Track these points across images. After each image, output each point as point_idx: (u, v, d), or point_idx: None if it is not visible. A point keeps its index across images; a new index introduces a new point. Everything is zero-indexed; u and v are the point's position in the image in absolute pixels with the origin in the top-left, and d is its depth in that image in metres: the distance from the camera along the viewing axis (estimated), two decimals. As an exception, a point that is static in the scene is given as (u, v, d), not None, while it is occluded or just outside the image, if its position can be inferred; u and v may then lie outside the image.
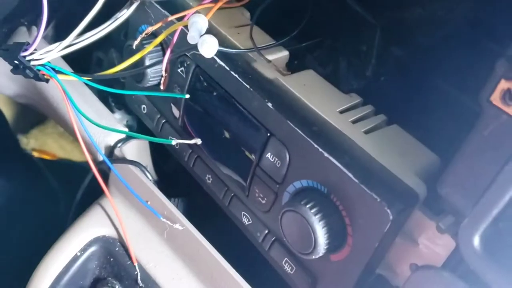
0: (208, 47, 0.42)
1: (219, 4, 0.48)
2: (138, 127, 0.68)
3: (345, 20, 0.53)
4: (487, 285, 0.31)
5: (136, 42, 0.49)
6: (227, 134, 0.48)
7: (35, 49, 0.49)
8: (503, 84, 0.31)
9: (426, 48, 0.51)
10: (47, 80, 0.49)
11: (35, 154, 1.09)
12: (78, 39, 0.49)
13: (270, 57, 0.48)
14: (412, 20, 0.52)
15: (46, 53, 0.49)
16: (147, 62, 0.51)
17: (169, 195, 0.56)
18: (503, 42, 0.33)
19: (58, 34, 0.76)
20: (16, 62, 0.48)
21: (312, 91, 0.45)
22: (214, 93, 0.48)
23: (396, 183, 0.39)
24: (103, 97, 0.67)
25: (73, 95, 0.49)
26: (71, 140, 1.10)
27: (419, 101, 0.50)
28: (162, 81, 0.51)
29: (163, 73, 0.51)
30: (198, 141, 0.45)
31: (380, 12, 0.52)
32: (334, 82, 0.48)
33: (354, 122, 0.44)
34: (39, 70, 0.49)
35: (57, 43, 0.49)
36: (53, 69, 0.49)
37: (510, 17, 0.45)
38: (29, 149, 1.09)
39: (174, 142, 0.46)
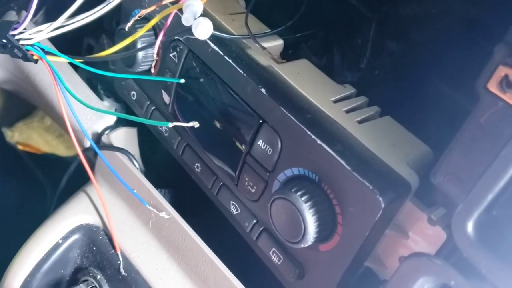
0: (203, 29, 0.41)
1: (215, -10, 0.48)
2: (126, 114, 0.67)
3: (340, 12, 0.52)
4: (480, 273, 0.31)
5: (128, 25, 0.48)
6: (218, 121, 0.47)
7: (25, 29, 0.48)
8: (501, 71, 0.30)
9: (421, 43, 0.51)
10: (36, 61, 0.48)
11: (20, 147, 1.08)
12: (70, 21, 0.48)
13: (265, 45, 0.48)
14: (407, 15, 0.52)
15: (36, 33, 0.48)
16: (139, 46, 0.50)
17: (156, 186, 0.55)
18: (496, 39, 0.33)
19: (49, 20, 0.75)
20: (4, 41, 0.47)
21: (306, 80, 0.45)
22: (207, 79, 0.47)
23: (388, 172, 0.39)
24: (92, 85, 0.66)
25: (61, 80, 0.48)
26: (56, 135, 1.09)
27: (412, 95, 0.50)
28: (153, 65, 0.51)
29: (155, 56, 0.50)
30: (196, 124, 0.44)
31: (376, 6, 0.52)
32: (328, 73, 0.48)
33: (347, 112, 0.44)
34: (28, 50, 0.48)
35: (48, 24, 0.48)
36: (43, 49, 0.48)
37: (502, 15, 0.45)
38: (13, 142, 1.08)
39: (171, 124, 0.45)
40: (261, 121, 0.43)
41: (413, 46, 0.52)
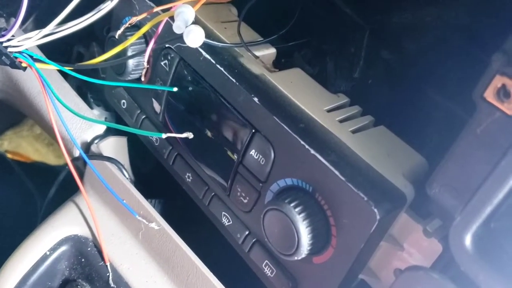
0: (194, 37, 0.40)
1: (207, -2, 0.47)
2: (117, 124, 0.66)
3: (334, 21, 0.52)
4: (478, 287, 0.30)
5: (119, 32, 0.47)
6: (210, 130, 0.46)
7: (13, 36, 0.47)
8: (498, 80, 0.30)
9: (414, 52, 0.51)
10: (24, 68, 0.48)
11: (9, 156, 1.06)
12: (59, 28, 0.48)
13: (258, 53, 0.47)
14: (400, 24, 0.52)
15: (24, 40, 0.47)
16: (130, 54, 0.49)
17: (146, 196, 0.54)
18: (490, 48, 0.32)
19: (38, 28, 0.74)
20: (-9, 48, 0.46)
21: (299, 89, 0.44)
22: (198, 87, 0.46)
23: (383, 183, 0.38)
24: (82, 93, 0.65)
25: (50, 88, 0.47)
26: (46, 144, 1.08)
27: (406, 104, 0.49)
28: (143, 73, 0.50)
29: (145, 64, 0.49)
30: (190, 135, 0.44)
31: (370, 15, 0.52)
32: (322, 82, 0.47)
33: (341, 121, 0.43)
34: (16, 57, 0.47)
35: (37, 31, 0.47)
36: (31, 57, 0.47)
37: (496, 24, 0.45)
38: (2, 150, 1.06)
39: (164, 135, 0.44)
40: (253, 131, 0.43)
41: (406, 55, 0.51)
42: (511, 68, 0.28)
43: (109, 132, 0.59)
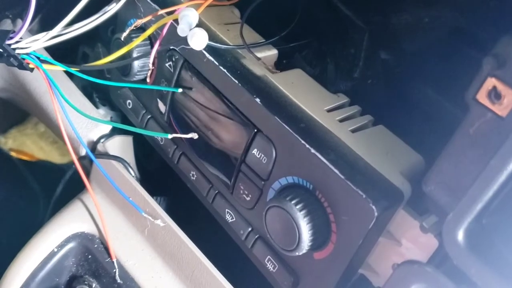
0: (198, 40, 0.42)
1: (210, 1, 0.48)
2: (122, 124, 0.68)
3: (334, 22, 0.53)
4: (470, 280, 0.31)
5: (124, 34, 0.49)
6: (213, 130, 0.48)
7: (21, 38, 0.48)
8: (489, 82, 0.31)
9: (412, 53, 0.52)
10: (31, 69, 0.49)
11: (13, 154, 1.07)
12: (66, 30, 0.49)
13: (259, 55, 0.48)
14: (399, 25, 0.53)
15: (32, 42, 0.48)
16: (135, 56, 0.50)
17: (151, 194, 0.55)
18: (484, 49, 0.34)
19: (44, 29, 0.75)
20: (0, 50, 0.47)
21: (300, 89, 0.46)
22: (202, 88, 0.48)
23: (381, 181, 0.39)
24: (87, 93, 0.66)
25: (56, 88, 0.48)
26: (50, 142, 1.08)
27: (404, 104, 0.50)
28: (149, 74, 0.51)
29: (150, 65, 0.51)
30: (195, 136, 0.45)
31: (369, 17, 0.53)
32: (322, 82, 0.48)
33: (341, 121, 0.44)
34: (24, 59, 0.48)
35: (44, 33, 0.49)
36: (38, 58, 0.48)
37: (490, 26, 0.46)
38: (6, 149, 1.07)
39: (170, 136, 0.45)
40: (255, 130, 0.44)
41: (405, 56, 0.52)
42: (501, 71, 0.30)
43: (115, 131, 0.60)
